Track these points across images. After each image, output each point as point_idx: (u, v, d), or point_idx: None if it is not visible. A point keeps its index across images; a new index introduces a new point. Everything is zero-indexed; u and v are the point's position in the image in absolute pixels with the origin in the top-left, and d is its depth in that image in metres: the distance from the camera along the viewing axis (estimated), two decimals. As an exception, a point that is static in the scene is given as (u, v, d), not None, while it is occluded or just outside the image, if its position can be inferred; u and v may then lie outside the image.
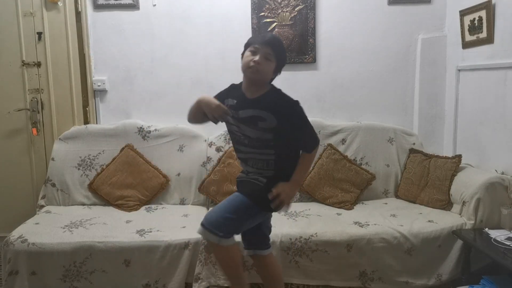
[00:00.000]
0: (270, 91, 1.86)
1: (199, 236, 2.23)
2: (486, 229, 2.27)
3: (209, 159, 2.86)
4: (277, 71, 1.86)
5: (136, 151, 2.83)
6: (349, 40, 3.05)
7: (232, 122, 1.87)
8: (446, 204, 2.60)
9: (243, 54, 1.86)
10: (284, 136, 1.82)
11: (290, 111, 1.82)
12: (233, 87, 1.95)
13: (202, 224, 1.78)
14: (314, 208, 2.67)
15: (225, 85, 1.98)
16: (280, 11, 2.99)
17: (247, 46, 1.85)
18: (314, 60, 3.05)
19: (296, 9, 3.00)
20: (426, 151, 2.91)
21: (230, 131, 1.95)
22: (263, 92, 1.84)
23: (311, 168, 2.84)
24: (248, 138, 1.85)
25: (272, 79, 1.88)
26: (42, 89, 2.92)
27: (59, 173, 2.78)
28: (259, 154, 1.85)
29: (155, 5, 2.98)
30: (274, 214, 1.98)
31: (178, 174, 2.85)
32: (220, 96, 1.92)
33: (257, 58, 1.76)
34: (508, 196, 2.33)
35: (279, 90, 1.88)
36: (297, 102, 1.83)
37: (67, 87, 2.94)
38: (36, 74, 2.90)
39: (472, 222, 2.33)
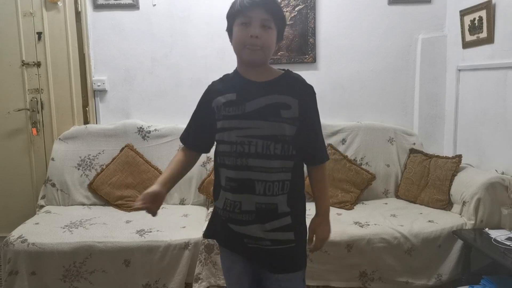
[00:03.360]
0: (287, 72, 1.42)
1: (199, 236, 2.25)
2: (486, 229, 2.27)
3: (209, 159, 2.86)
4: (280, 39, 1.40)
5: (136, 151, 2.83)
6: (349, 40, 3.05)
7: (232, 125, 1.35)
8: (446, 204, 2.59)
9: (229, 30, 1.40)
10: (306, 131, 1.38)
11: (312, 98, 1.42)
12: (224, 79, 1.46)
13: None
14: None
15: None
16: (280, 11, 2.99)
17: (233, 16, 1.36)
18: (314, 60, 3.05)
19: (296, 9, 3.00)
20: (426, 151, 2.91)
21: (225, 142, 1.37)
22: (278, 74, 1.41)
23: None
24: (261, 141, 1.31)
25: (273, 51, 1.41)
26: (42, 89, 2.92)
27: (59, 173, 2.78)
28: (274, 171, 1.32)
29: (155, 5, 2.98)
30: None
31: (178, 174, 2.85)
32: (206, 99, 1.44)
33: (253, 30, 1.31)
34: (508, 196, 2.33)
35: (295, 73, 1.44)
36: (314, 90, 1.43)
37: (67, 87, 2.93)
38: (36, 74, 2.90)
39: (472, 222, 2.33)
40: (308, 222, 1.47)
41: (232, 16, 1.36)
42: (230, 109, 1.35)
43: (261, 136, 1.32)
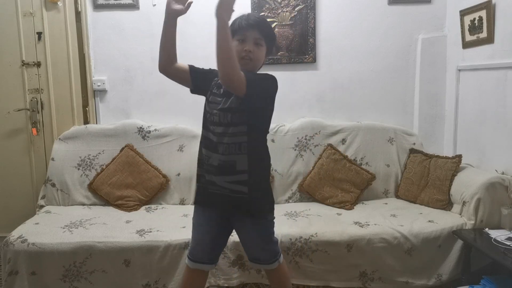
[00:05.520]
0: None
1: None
2: (486, 229, 2.27)
3: (209, 159, 2.86)
4: (269, 53, 1.76)
5: (136, 151, 2.83)
6: (349, 40, 3.05)
7: (215, 101, 1.72)
8: (446, 204, 2.60)
9: None
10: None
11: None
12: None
13: None
14: (314, 208, 2.66)
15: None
16: (280, 11, 2.99)
17: (232, 33, 1.69)
18: (314, 60, 3.05)
19: (296, 9, 3.00)
20: (426, 151, 2.91)
21: (208, 112, 1.75)
22: None
23: (311, 168, 2.84)
24: (231, 112, 1.67)
25: (264, 63, 1.78)
26: (42, 89, 2.92)
27: (59, 173, 2.78)
28: (235, 135, 1.66)
29: (155, 5, 2.98)
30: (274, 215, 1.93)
31: (178, 174, 2.85)
32: (209, 73, 1.86)
33: (247, 46, 1.67)
34: (508, 196, 2.33)
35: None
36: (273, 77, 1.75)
37: (67, 87, 2.93)
38: (36, 74, 2.90)
39: (472, 222, 2.33)
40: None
41: (231, 32, 1.66)
42: (216, 88, 1.75)
43: (231, 108, 1.67)
